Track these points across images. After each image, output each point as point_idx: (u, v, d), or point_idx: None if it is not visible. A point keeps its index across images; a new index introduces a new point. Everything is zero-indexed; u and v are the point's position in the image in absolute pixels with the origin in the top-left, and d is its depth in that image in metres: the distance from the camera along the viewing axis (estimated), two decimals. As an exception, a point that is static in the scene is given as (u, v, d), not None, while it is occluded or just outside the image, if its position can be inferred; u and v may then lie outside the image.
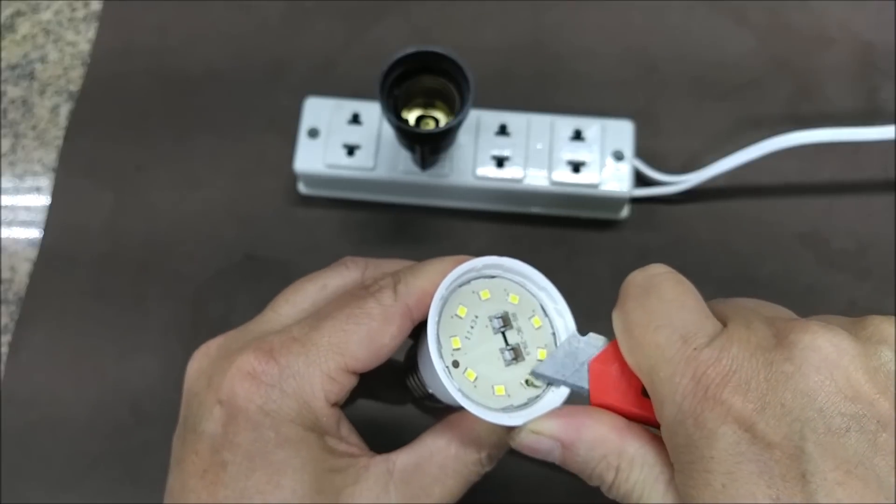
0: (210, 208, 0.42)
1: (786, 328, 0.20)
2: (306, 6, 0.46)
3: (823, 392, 0.18)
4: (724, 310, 0.22)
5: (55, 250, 0.41)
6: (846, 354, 0.19)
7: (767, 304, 0.23)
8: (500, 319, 0.24)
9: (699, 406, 0.19)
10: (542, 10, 0.46)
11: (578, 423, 0.23)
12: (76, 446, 0.37)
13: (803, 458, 0.18)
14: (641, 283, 0.22)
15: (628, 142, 0.39)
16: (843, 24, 0.45)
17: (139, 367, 0.39)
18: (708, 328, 0.21)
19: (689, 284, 0.22)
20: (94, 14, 0.47)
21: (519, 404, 0.24)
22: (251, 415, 0.22)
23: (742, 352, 0.19)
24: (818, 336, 0.19)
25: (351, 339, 0.23)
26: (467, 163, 0.39)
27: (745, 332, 0.20)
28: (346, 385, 0.24)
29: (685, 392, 0.20)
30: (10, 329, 0.39)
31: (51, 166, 0.43)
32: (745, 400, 0.19)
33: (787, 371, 0.19)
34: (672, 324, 0.21)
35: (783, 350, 0.19)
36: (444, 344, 0.24)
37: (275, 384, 0.23)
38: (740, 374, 0.19)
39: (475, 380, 0.24)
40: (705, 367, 0.19)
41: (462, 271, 0.24)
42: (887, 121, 0.39)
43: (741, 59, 0.44)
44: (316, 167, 0.39)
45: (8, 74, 0.45)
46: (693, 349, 0.20)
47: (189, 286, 0.40)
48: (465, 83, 0.33)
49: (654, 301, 0.22)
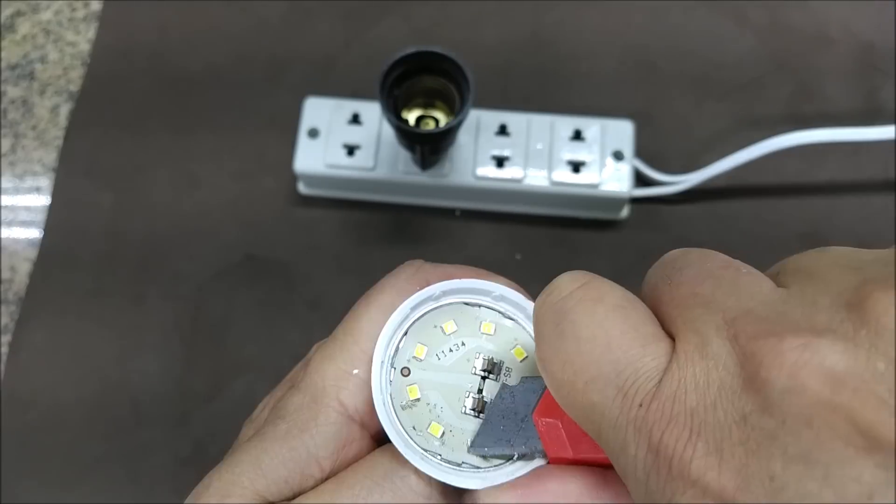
0: (210, 208, 0.42)
1: (753, 351, 0.14)
2: (306, 6, 0.46)
3: (825, 451, 0.13)
4: (664, 308, 0.17)
5: (55, 250, 0.41)
6: (846, 387, 0.13)
7: (720, 278, 0.17)
8: (486, 361, 0.21)
9: (667, 487, 0.15)
10: (542, 10, 0.46)
11: (540, 491, 0.19)
12: (76, 446, 0.37)
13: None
14: (550, 317, 0.17)
15: (628, 142, 0.39)
16: (843, 24, 0.45)
17: (139, 367, 0.39)
18: (651, 366, 0.16)
19: (611, 298, 0.17)
20: (94, 14, 0.47)
21: (486, 466, 0.20)
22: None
23: (701, 399, 0.15)
24: (799, 367, 0.14)
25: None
26: (467, 163, 0.39)
27: (700, 362, 0.15)
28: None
29: (646, 468, 0.15)
30: (10, 329, 0.39)
31: (51, 166, 0.43)
32: (720, 476, 0.14)
33: (768, 428, 0.14)
34: (602, 374, 0.16)
35: (755, 395, 0.14)
36: (404, 347, 0.21)
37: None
38: (706, 436, 0.14)
39: (419, 412, 0.21)
40: (660, 431, 0.15)
41: (405, 312, 0.21)
42: (887, 121, 0.39)
43: (741, 59, 0.44)
44: (316, 167, 0.39)
45: (8, 74, 0.45)
46: (638, 406, 0.15)
47: (189, 286, 0.40)
48: (465, 83, 0.33)
49: (570, 344, 0.17)
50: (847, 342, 0.13)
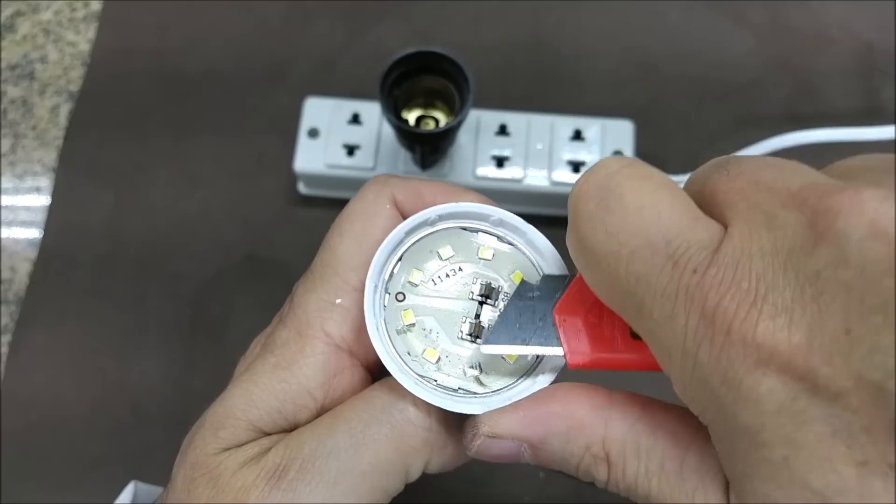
0: (210, 208, 0.42)
1: (827, 206, 0.13)
2: (306, 6, 0.46)
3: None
4: (721, 197, 0.16)
5: (55, 250, 0.41)
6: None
7: (781, 166, 0.15)
8: (484, 286, 0.21)
9: (723, 355, 0.14)
10: (541, 10, 0.46)
11: (544, 413, 0.18)
12: (76, 446, 0.37)
13: (890, 402, 0.12)
14: (594, 191, 0.16)
15: (628, 142, 0.39)
16: (843, 24, 0.45)
17: (139, 368, 0.39)
18: (703, 237, 0.15)
19: (660, 176, 0.16)
20: (94, 14, 0.47)
21: (483, 391, 0.20)
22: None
23: (767, 262, 0.14)
24: (880, 214, 0.13)
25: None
26: (467, 163, 0.39)
27: (767, 233, 0.14)
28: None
29: (697, 336, 0.14)
30: (10, 329, 0.39)
31: (51, 166, 0.43)
32: (790, 336, 0.13)
33: (844, 279, 0.13)
34: (651, 241, 0.15)
35: (829, 247, 0.13)
36: (399, 272, 0.21)
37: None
38: (775, 298, 0.13)
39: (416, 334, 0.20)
40: (718, 296, 0.14)
41: (399, 236, 0.21)
42: (887, 121, 0.39)
43: (741, 59, 0.44)
44: (316, 167, 0.39)
45: (8, 74, 0.45)
46: (692, 272, 0.14)
47: (189, 286, 0.40)
48: (465, 83, 0.33)
49: (616, 215, 0.16)
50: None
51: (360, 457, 0.19)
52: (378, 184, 0.23)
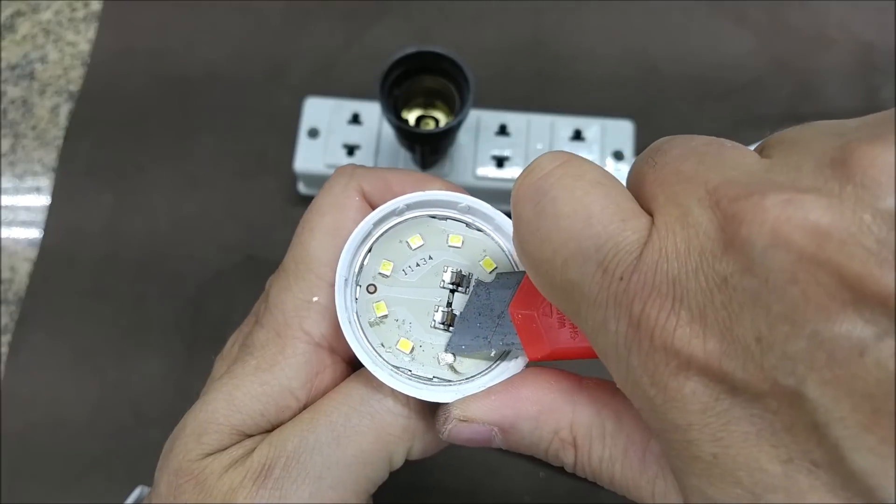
0: (210, 208, 0.42)
1: (734, 212, 0.13)
2: (306, 6, 0.46)
3: (811, 308, 0.12)
4: (647, 189, 0.16)
5: (55, 250, 0.41)
6: (831, 240, 0.12)
7: (703, 155, 0.15)
8: (454, 274, 0.21)
9: (649, 360, 0.14)
10: (541, 10, 0.46)
11: (515, 399, 0.19)
12: (76, 446, 0.37)
13: (807, 405, 0.13)
14: (529, 195, 0.16)
15: (628, 142, 0.39)
16: (843, 24, 0.45)
17: (139, 368, 0.39)
18: (631, 239, 0.15)
19: (592, 174, 0.16)
20: (94, 14, 0.47)
21: (457, 378, 0.20)
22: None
23: (682, 266, 0.14)
24: (782, 222, 0.13)
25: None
26: (467, 163, 0.39)
27: (681, 231, 0.14)
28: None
29: (627, 343, 0.15)
30: (10, 329, 0.39)
31: (51, 166, 0.43)
32: (704, 342, 0.14)
33: (750, 288, 0.13)
34: (582, 249, 0.15)
35: (735, 254, 0.13)
36: (369, 264, 0.21)
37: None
38: (689, 302, 0.14)
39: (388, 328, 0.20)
40: (641, 302, 0.14)
41: (368, 227, 0.20)
42: (887, 121, 0.39)
43: (741, 59, 0.44)
44: (316, 167, 0.39)
45: (8, 74, 0.45)
46: (619, 279, 0.15)
47: (189, 286, 0.40)
48: (465, 83, 0.33)
49: (549, 221, 0.16)
50: (832, 198, 0.13)
51: (343, 449, 0.19)
52: (345, 175, 0.23)
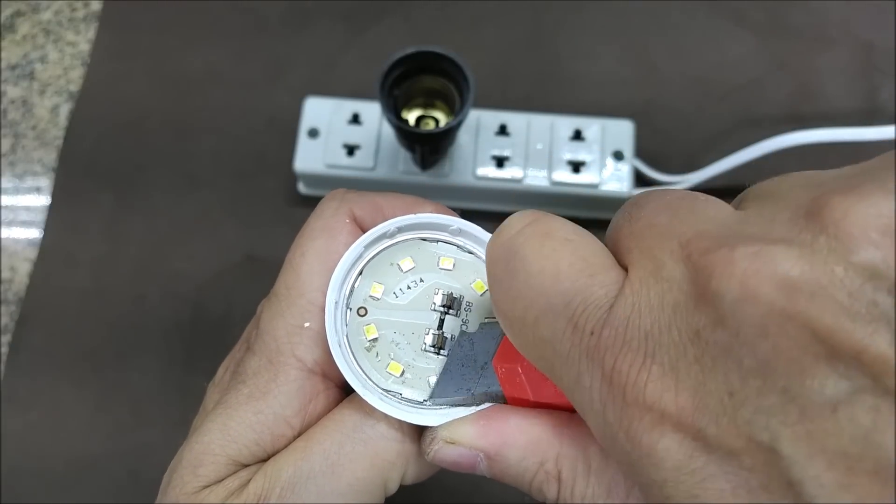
0: (210, 208, 0.42)
1: (704, 264, 0.13)
2: (306, 6, 0.46)
3: (783, 362, 0.12)
4: (623, 243, 0.16)
5: (55, 250, 0.41)
6: (802, 293, 0.12)
7: (676, 209, 0.15)
8: (446, 297, 0.21)
9: (623, 415, 0.14)
10: (541, 10, 0.46)
11: (503, 426, 0.18)
12: (76, 446, 0.37)
13: (782, 462, 0.12)
14: (501, 254, 0.17)
15: (628, 142, 0.39)
16: (843, 24, 0.45)
17: (139, 367, 0.39)
18: (599, 294, 0.15)
19: (560, 231, 0.16)
20: (94, 14, 0.47)
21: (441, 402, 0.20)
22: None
23: (655, 320, 0.14)
24: (750, 275, 0.12)
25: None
26: (467, 163, 0.39)
27: (654, 284, 0.14)
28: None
29: (602, 398, 0.15)
30: (10, 329, 0.39)
31: (51, 166, 0.43)
32: (676, 397, 0.13)
33: (721, 342, 0.13)
34: (551, 306, 0.15)
35: (706, 307, 0.13)
36: (359, 287, 0.20)
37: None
38: (661, 358, 0.14)
39: (378, 354, 0.20)
40: (612, 357, 0.14)
41: (357, 252, 0.20)
42: (887, 121, 0.39)
43: (741, 59, 0.44)
44: (316, 167, 0.39)
45: (8, 74, 0.45)
46: (590, 334, 0.15)
47: (189, 286, 0.40)
48: (465, 83, 0.33)
49: (520, 280, 0.16)
50: (804, 248, 0.12)
51: (338, 478, 0.19)
52: (335, 199, 0.23)
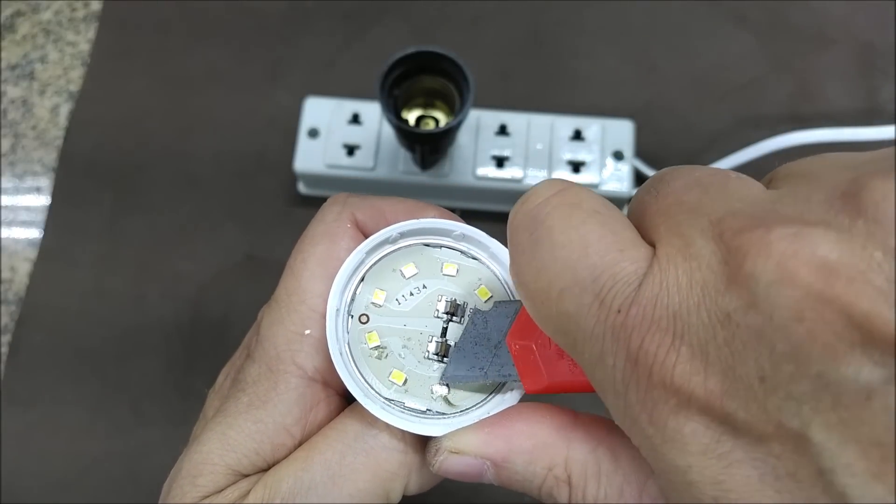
0: (210, 208, 0.42)
1: (738, 244, 0.13)
2: (306, 6, 0.46)
3: (817, 347, 0.12)
4: (649, 219, 0.15)
5: (55, 250, 0.41)
6: (840, 277, 0.12)
7: (707, 186, 0.15)
8: (449, 304, 0.20)
9: (648, 397, 0.14)
10: (541, 10, 0.46)
11: (508, 432, 0.18)
12: (76, 445, 0.37)
13: (812, 450, 0.12)
14: (526, 223, 0.16)
15: (628, 142, 0.39)
16: (843, 24, 0.45)
17: (139, 367, 0.39)
18: (629, 270, 0.14)
19: (589, 203, 0.16)
20: (94, 14, 0.47)
21: (452, 411, 0.19)
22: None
23: (684, 300, 0.13)
24: (788, 257, 0.12)
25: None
26: (467, 163, 0.39)
27: (683, 263, 0.14)
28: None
29: (625, 378, 0.14)
30: (10, 329, 0.39)
31: (51, 166, 0.43)
32: (705, 381, 0.13)
33: (754, 325, 0.12)
34: (578, 280, 0.15)
35: (739, 289, 0.13)
36: (361, 293, 0.20)
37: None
38: (690, 338, 0.13)
39: (382, 359, 0.20)
40: (640, 337, 0.14)
41: (359, 258, 0.20)
42: (887, 121, 0.39)
43: (741, 59, 0.44)
44: (316, 167, 0.39)
45: (8, 74, 0.45)
46: (616, 311, 0.14)
47: (189, 286, 0.40)
48: (464, 83, 0.33)
49: (545, 251, 0.15)
50: (841, 232, 0.12)
51: (340, 489, 0.19)
52: (337, 204, 0.22)
